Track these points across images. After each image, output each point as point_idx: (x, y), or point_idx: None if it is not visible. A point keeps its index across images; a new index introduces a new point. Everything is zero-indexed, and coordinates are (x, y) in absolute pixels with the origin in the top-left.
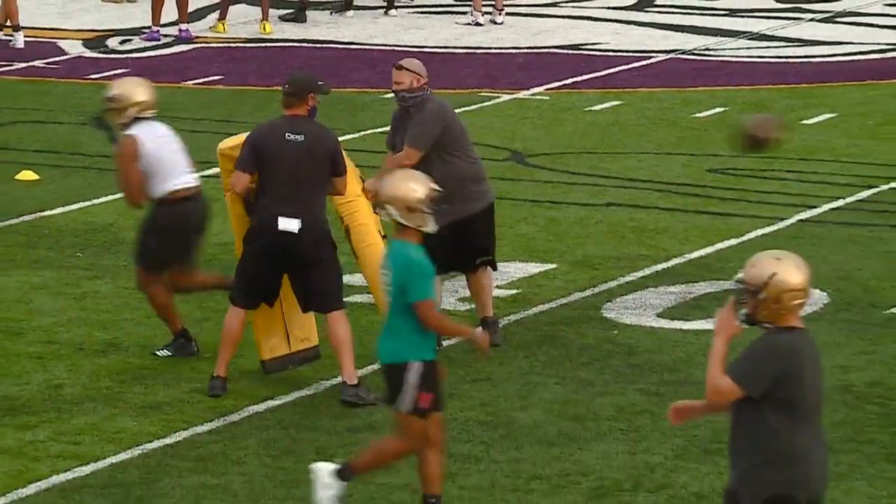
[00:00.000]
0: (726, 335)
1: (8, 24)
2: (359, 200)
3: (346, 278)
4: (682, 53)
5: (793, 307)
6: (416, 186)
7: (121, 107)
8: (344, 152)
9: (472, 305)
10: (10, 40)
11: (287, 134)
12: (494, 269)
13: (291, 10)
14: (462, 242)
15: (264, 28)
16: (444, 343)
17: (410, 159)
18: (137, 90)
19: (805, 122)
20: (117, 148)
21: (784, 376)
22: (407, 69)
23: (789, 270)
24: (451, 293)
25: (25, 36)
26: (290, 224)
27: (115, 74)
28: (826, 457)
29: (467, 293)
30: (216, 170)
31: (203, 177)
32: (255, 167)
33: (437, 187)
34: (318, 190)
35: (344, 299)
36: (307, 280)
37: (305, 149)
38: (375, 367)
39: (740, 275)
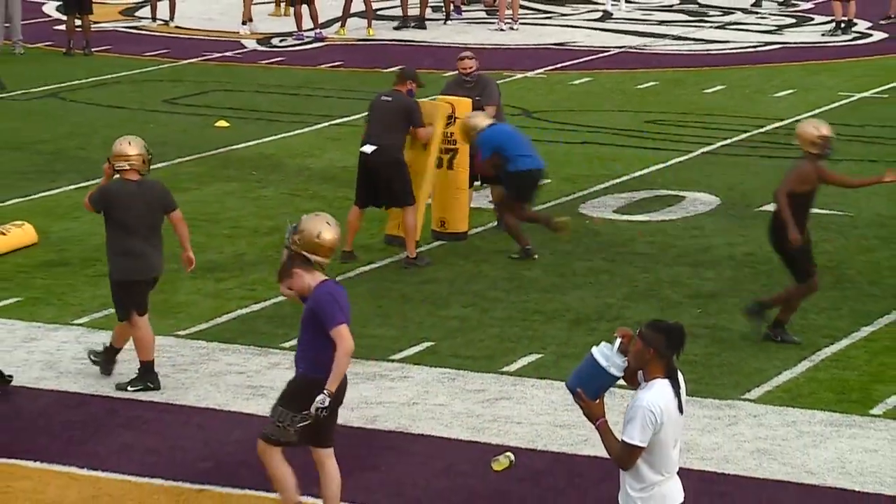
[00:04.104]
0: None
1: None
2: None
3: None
4: (629, 48)
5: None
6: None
7: None
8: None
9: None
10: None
11: (383, 96)
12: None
13: (397, 22)
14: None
15: (369, 32)
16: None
17: (493, 111)
18: None
19: (706, 91)
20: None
21: None
22: (474, 57)
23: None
24: (483, 198)
25: (221, 38)
26: (367, 148)
27: (276, 61)
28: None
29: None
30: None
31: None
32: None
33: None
34: (396, 131)
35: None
36: (385, 187)
37: (390, 106)
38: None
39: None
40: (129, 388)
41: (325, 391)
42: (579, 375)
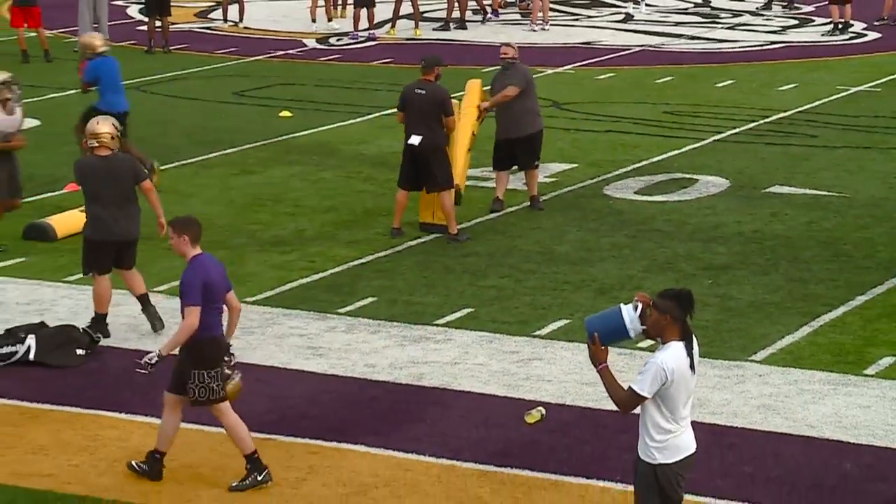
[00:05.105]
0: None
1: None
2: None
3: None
4: (649, 47)
5: None
6: None
7: None
8: (453, 100)
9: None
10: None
11: (416, 89)
12: (537, 167)
13: (440, 24)
14: (524, 150)
15: (416, 32)
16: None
17: (512, 92)
18: None
19: (717, 85)
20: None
21: None
22: (514, 46)
23: None
24: (517, 180)
25: (285, 37)
26: (414, 140)
27: (333, 58)
28: None
29: (537, 181)
30: (392, 110)
31: (373, 116)
32: (403, 107)
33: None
34: (433, 122)
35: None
36: (427, 171)
37: (426, 98)
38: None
39: None
40: (84, 329)
41: (157, 351)
42: (601, 322)
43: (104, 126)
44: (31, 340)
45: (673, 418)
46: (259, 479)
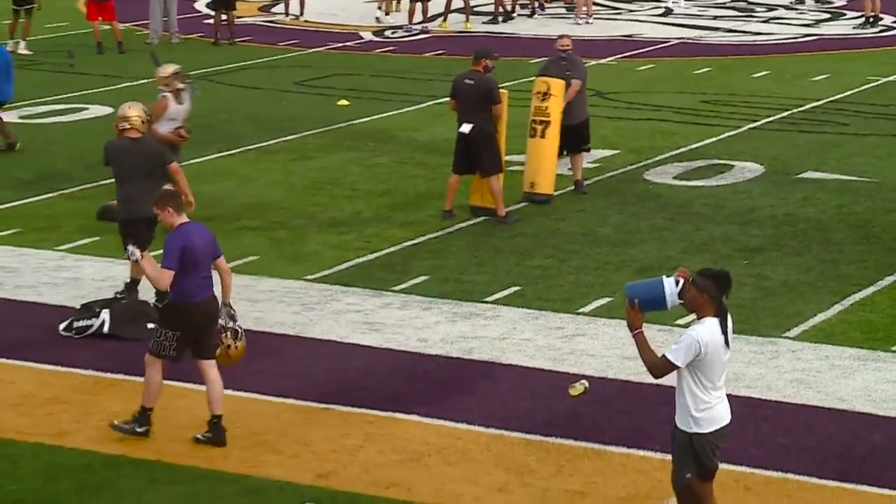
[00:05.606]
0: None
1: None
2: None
3: None
4: (687, 39)
5: None
6: None
7: None
8: (502, 90)
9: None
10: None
11: (465, 80)
12: (588, 151)
13: (489, 17)
14: (575, 136)
15: (466, 25)
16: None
17: (579, 86)
18: None
19: (753, 76)
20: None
21: None
22: (571, 38)
23: None
24: (562, 165)
25: (343, 30)
26: (465, 128)
27: (388, 50)
28: None
29: (581, 166)
30: (444, 99)
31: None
32: (454, 96)
33: None
34: (482, 110)
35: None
36: (477, 157)
37: (473, 88)
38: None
39: None
40: (117, 294)
41: (136, 249)
42: (643, 290)
43: (134, 110)
44: (105, 314)
45: (708, 390)
46: (138, 431)
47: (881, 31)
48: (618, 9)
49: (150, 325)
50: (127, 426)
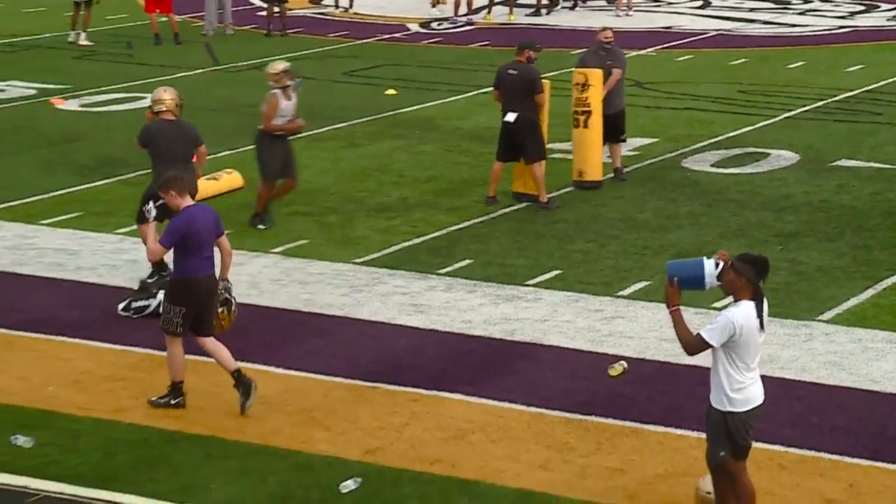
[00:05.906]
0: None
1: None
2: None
3: None
4: (725, 31)
5: None
6: None
7: None
8: (543, 80)
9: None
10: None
11: (509, 70)
12: (624, 142)
13: (532, 9)
14: (614, 125)
15: (510, 17)
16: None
17: (619, 75)
18: None
19: (788, 66)
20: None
21: None
22: (612, 30)
23: None
24: (604, 154)
25: (391, 22)
26: (510, 117)
27: (434, 41)
28: None
29: (620, 154)
30: (488, 89)
31: (472, 94)
32: (498, 86)
33: None
34: (525, 99)
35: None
36: (521, 145)
37: (517, 78)
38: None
39: None
40: (147, 280)
41: (154, 206)
42: (683, 268)
43: (168, 94)
44: (161, 295)
45: (743, 371)
46: (173, 403)
47: None
48: (657, 1)
49: None
50: (162, 400)
